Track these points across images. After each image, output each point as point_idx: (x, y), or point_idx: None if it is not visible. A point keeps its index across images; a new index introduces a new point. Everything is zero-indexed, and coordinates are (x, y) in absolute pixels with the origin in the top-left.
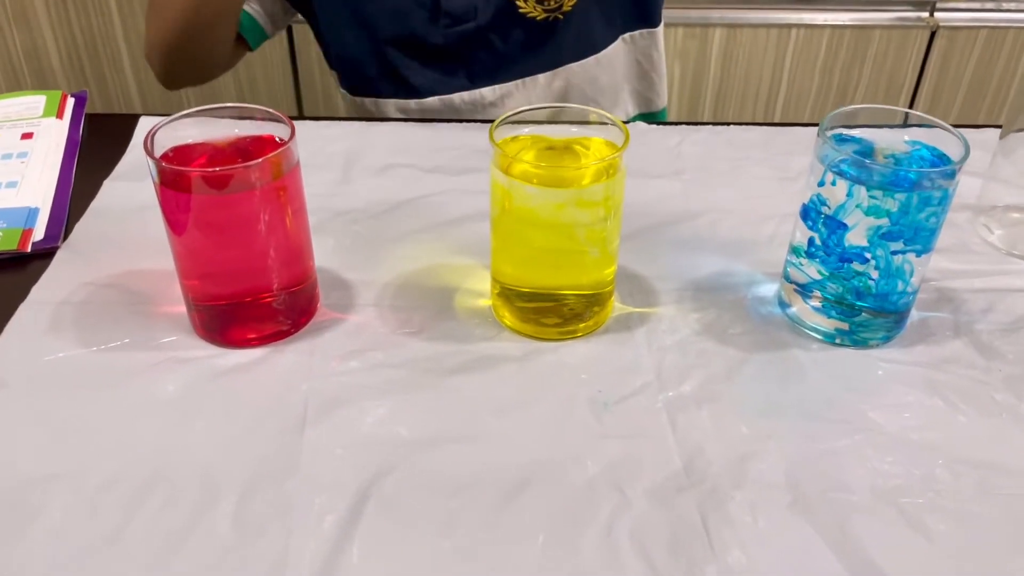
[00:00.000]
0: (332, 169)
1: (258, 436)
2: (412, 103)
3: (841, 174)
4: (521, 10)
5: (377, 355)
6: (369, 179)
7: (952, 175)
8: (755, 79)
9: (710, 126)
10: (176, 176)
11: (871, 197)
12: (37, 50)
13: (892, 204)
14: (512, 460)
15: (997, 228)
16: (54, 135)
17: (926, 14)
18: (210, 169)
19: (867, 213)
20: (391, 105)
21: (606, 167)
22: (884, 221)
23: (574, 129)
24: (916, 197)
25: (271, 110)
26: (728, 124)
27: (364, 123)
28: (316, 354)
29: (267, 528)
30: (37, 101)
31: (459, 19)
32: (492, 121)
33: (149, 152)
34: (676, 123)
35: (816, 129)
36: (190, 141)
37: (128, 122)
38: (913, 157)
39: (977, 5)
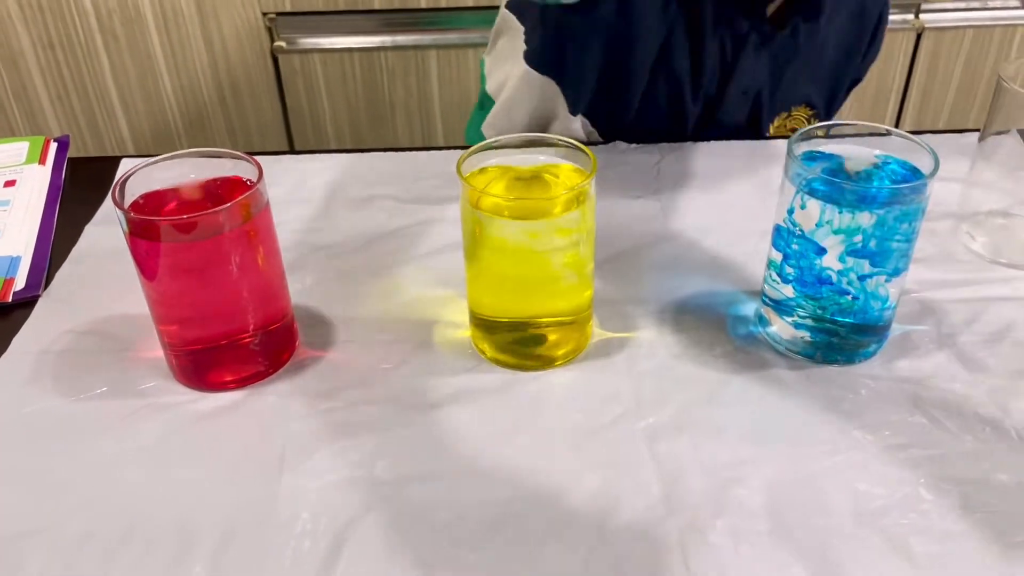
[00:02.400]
0: (312, 203)
1: (235, 483)
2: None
3: (812, 194)
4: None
5: (356, 392)
6: (349, 212)
7: (923, 189)
8: None
9: (689, 143)
10: (144, 225)
11: (843, 215)
12: (27, 92)
13: (866, 221)
14: (491, 496)
15: (980, 235)
16: (36, 181)
17: (911, 16)
18: (176, 217)
19: (840, 232)
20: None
21: (576, 195)
22: (858, 239)
23: (542, 158)
24: (889, 213)
25: (238, 153)
26: (708, 140)
27: (347, 155)
28: (295, 394)
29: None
30: (20, 148)
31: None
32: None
33: (117, 203)
34: (657, 143)
35: None
36: (159, 187)
37: (110, 165)
38: (884, 171)
39: (963, 5)
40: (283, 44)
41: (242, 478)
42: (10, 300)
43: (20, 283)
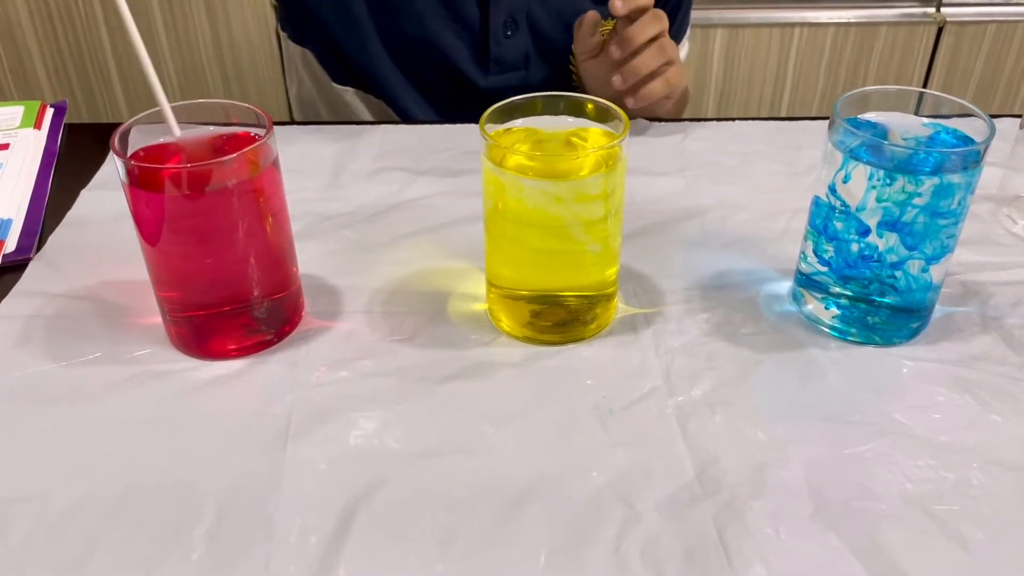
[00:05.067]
0: (320, 174)
1: (236, 453)
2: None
3: (858, 159)
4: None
5: (366, 363)
6: (358, 183)
7: (978, 156)
8: (759, 80)
9: (714, 122)
10: (146, 175)
11: (891, 186)
12: (23, 63)
13: (916, 191)
14: (512, 472)
15: (1021, 218)
16: (31, 146)
17: (932, 9)
18: (180, 166)
19: (886, 202)
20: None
21: (605, 157)
22: (909, 214)
23: (570, 120)
24: (942, 182)
25: (247, 105)
26: (733, 120)
27: (353, 127)
28: (300, 364)
29: (246, 552)
30: (15, 112)
31: (509, 68)
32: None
33: (117, 151)
34: (679, 120)
35: (826, 122)
36: (162, 141)
37: (108, 131)
38: (935, 141)
39: None
40: None
41: (244, 449)
42: (0, 262)
43: (10, 245)
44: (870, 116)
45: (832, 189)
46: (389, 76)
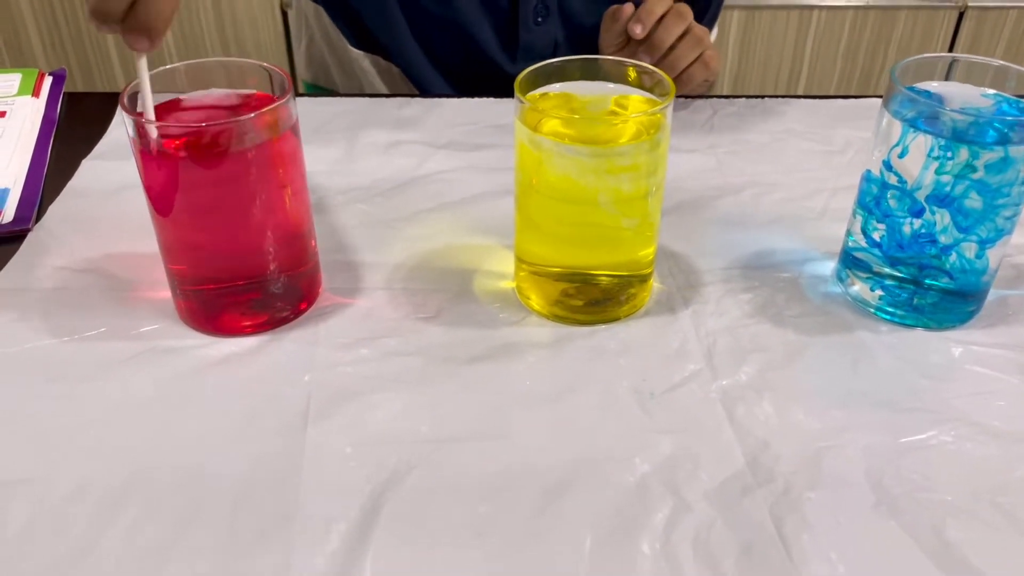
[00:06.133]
0: (334, 146)
1: (253, 435)
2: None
3: (918, 129)
4: None
5: (389, 342)
6: (375, 156)
7: None
8: (774, 64)
9: (744, 99)
10: (159, 135)
11: (954, 157)
12: (17, 34)
13: (977, 163)
14: (548, 459)
15: None
16: (29, 114)
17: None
18: (196, 124)
19: (947, 172)
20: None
21: (647, 125)
22: (965, 189)
23: (610, 87)
24: (1008, 154)
25: (264, 64)
26: (763, 97)
27: (367, 99)
28: (320, 342)
29: (265, 542)
30: (12, 79)
31: (537, 56)
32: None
33: (126, 108)
34: (707, 96)
35: (860, 101)
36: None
37: (110, 101)
38: (996, 112)
39: None
40: None
41: (261, 430)
42: None
43: (8, 215)
44: (926, 86)
45: (887, 164)
46: (410, 52)
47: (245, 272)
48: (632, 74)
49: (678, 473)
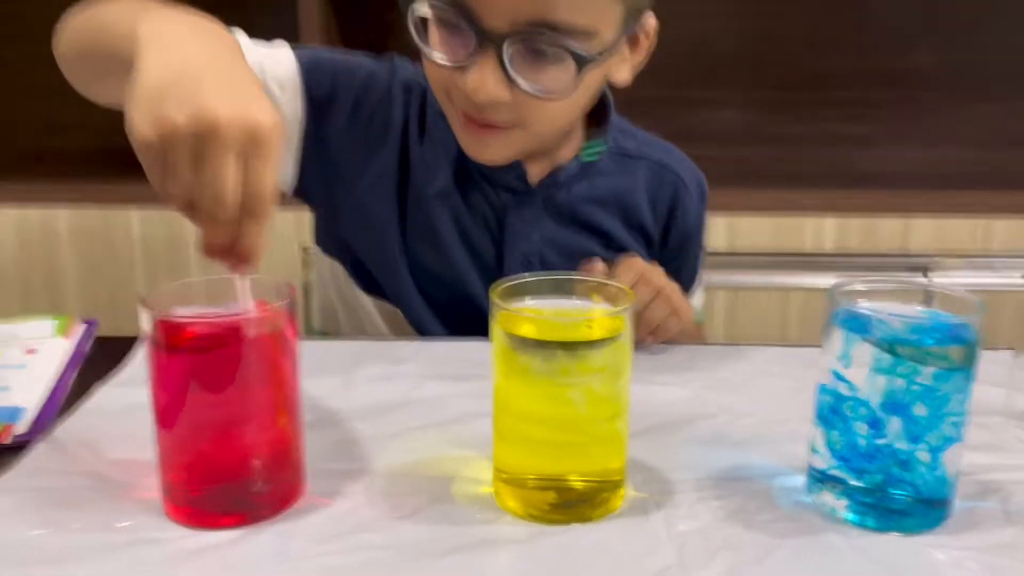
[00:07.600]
0: (333, 376)
1: None
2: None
3: (858, 334)
4: None
5: (363, 537)
6: (371, 384)
7: (974, 336)
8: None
9: (720, 346)
10: (171, 330)
11: (894, 364)
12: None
13: (917, 368)
14: None
15: None
16: (58, 350)
17: (923, 278)
18: (207, 318)
19: (890, 373)
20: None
21: (613, 327)
22: (911, 396)
23: (577, 302)
24: (945, 366)
25: (276, 280)
26: (738, 344)
27: (363, 342)
28: (295, 536)
29: None
30: (48, 325)
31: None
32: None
33: (146, 304)
34: (684, 344)
35: None
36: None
37: (131, 343)
38: (934, 326)
39: (969, 271)
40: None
41: None
42: (9, 442)
43: (21, 428)
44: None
45: (836, 374)
46: (409, 297)
47: (232, 475)
48: (595, 290)
49: None
